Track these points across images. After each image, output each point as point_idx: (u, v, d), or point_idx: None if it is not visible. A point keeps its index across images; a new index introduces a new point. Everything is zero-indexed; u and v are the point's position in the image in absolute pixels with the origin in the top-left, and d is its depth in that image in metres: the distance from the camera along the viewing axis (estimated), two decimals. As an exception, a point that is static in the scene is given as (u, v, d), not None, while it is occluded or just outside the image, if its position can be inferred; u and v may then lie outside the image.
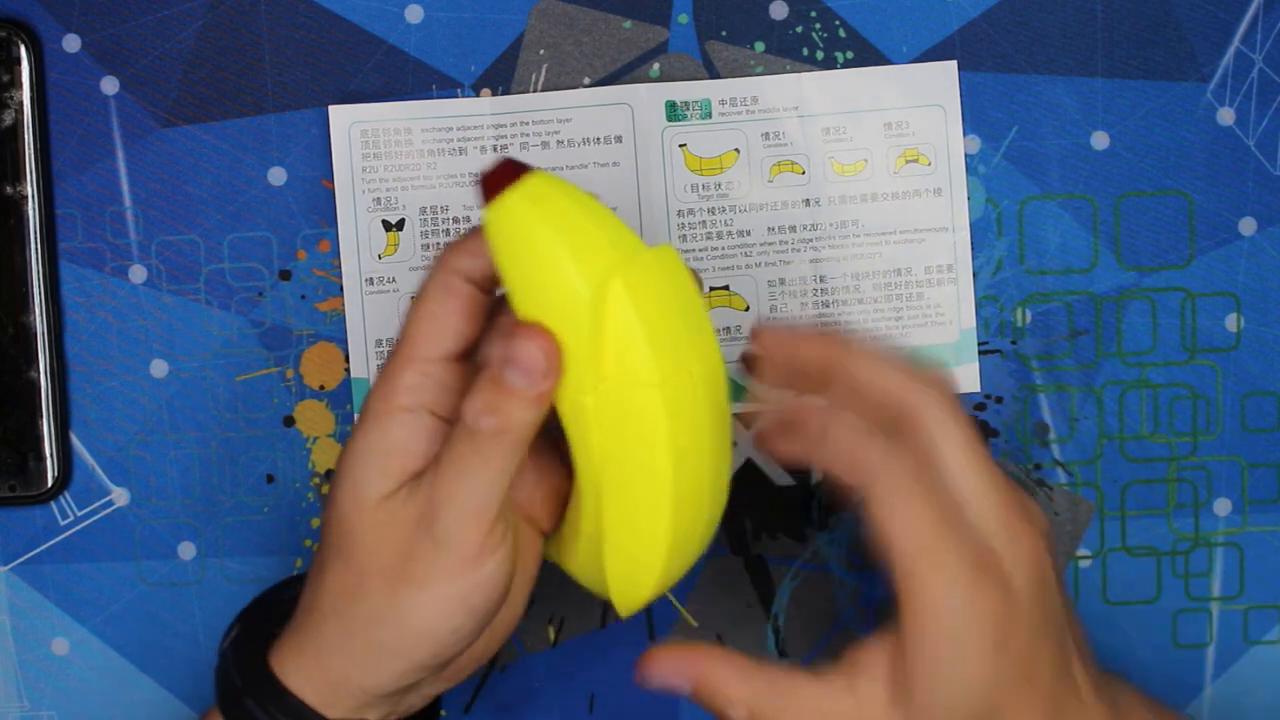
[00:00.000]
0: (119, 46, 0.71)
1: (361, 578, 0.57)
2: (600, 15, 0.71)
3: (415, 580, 0.56)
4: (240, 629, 0.62)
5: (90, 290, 0.72)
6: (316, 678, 0.58)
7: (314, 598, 0.59)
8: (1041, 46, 0.71)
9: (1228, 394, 0.72)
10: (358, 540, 0.57)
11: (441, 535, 0.55)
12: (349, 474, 0.57)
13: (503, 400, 0.54)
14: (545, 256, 0.54)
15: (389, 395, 0.57)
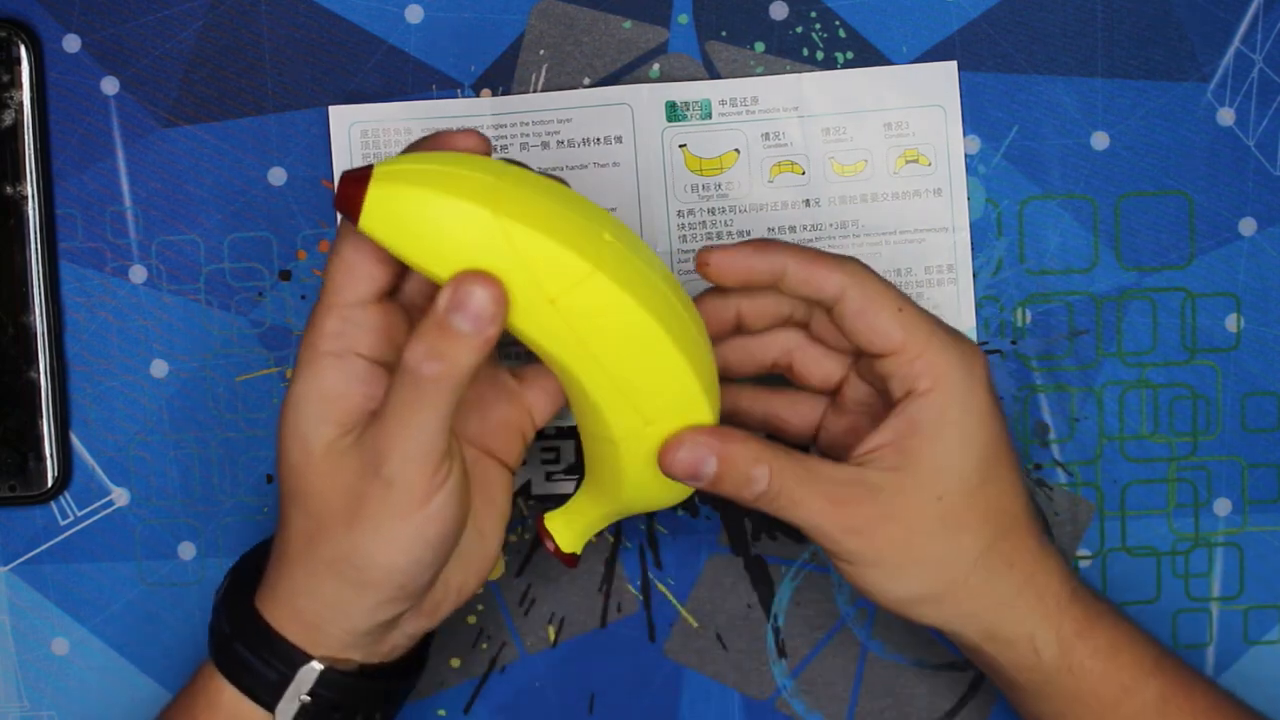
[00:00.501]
0: (119, 46, 0.71)
1: (319, 523, 0.59)
2: (600, 15, 0.71)
3: (369, 520, 0.58)
4: (229, 581, 0.64)
5: (90, 290, 0.72)
6: (294, 620, 0.60)
7: (281, 546, 0.61)
8: (1041, 46, 0.71)
9: (1228, 394, 0.72)
10: (310, 488, 0.59)
11: (390, 477, 0.57)
12: (291, 423, 0.59)
13: (448, 345, 0.55)
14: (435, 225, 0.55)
15: (314, 342, 0.59)
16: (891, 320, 0.61)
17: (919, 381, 0.61)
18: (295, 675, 0.60)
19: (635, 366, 0.58)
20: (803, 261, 0.61)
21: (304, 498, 0.59)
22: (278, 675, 0.61)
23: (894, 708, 0.73)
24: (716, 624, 0.73)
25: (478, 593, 0.68)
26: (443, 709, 0.73)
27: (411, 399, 0.56)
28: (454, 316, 0.55)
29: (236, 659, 0.61)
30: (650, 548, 0.73)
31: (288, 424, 0.59)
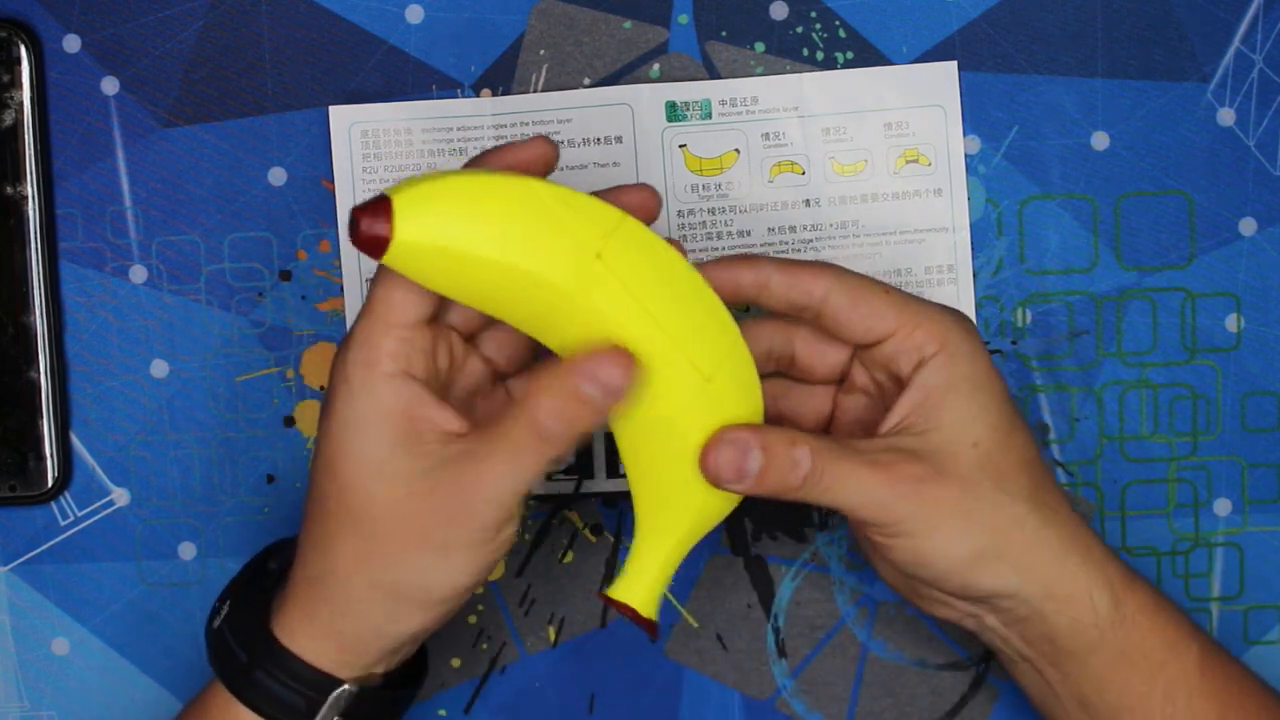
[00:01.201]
0: (119, 46, 0.71)
1: (379, 545, 0.58)
2: (600, 15, 0.71)
3: (440, 547, 0.58)
4: (233, 605, 0.62)
5: (90, 290, 0.72)
6: (329, 643, 0.60)
7: (323, 567, 0.59)
8: (1041, 46, 0.71)
9: (1228, 394, 0.72)
10: (370, 509, 0.58)
11: (475, 511, 0.57)
12: (347, 443, 0.58)
13: (577, 410, 0.56)
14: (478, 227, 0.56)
15: (373, 362, 0.58)
16: (883, 303, 0.61)
17: (925, 348, 0.61)
18: (326, 700, 0.60)
19: (684, 312, 0.58)
20: (785, 270, 0.62)
21: (365, 519, 0.58)
22: (306, 701, 0.60)
23: (894, 708, 0.73)
24: (716, 624, 0.73)
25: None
26: (443, 709, 0.73)
27: (525, 449, 0.57)
28: (588, 387, 0.56)
29: (258, 688, 0.60)
30: (650, 548, 0.73)
31: (343, 443, 0.58)
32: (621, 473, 0.72)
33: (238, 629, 0.61)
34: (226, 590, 0.64)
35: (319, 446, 0.59)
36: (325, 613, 0.59)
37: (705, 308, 0.59)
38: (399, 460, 0.58)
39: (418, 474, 0.57)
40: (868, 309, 0.61)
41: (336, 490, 0.58)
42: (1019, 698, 0.73)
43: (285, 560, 0.63)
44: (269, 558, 0.64)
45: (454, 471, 0.57)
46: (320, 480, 0.59)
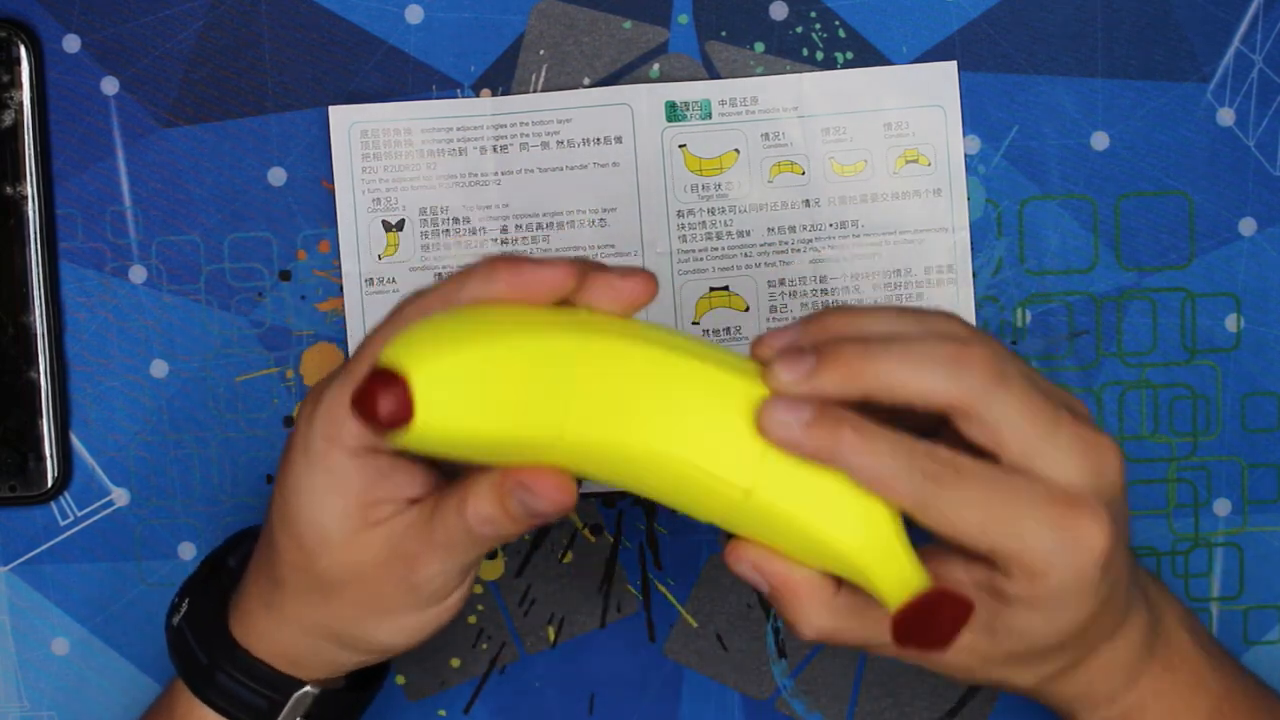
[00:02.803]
0: (119, 46, 0.71)
1: (327, 601, 0.58)
2: (600, 15, 0.71)
3: (385, 611, 0.57)
4: (191, 603, 0.62)
5: (90, 290, 0.72)
6: (285, 655, 0.60)
7: (277, 597, 0.59)
8: (1041, 46, 0.71)
9: (1228, 394, 0.72)
10: (320, 570, 0.57)
11: (419, 584, 0.56)
12: (301, 508, 0.56)
13: (505, 522, 0.54)
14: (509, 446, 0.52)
15: (334, 437, 0.55)
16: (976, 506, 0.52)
17: (1011, 580, 0.53)
18: (288, 701, 0.60)
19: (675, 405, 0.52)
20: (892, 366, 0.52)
21: (314, 577, 0.57)
22: (268, 702, 0.60)
23: (894, 708, 0.73)
24: (716, 624, 0.73)
25: None
26: (443, 709, 0.73)
27: (458, 541, 0.55)
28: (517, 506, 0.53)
29: (221, 689, 0.60)
30: (650, 548, 0.73)
31: (301, 505, 0.56)
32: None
33: (197, 628, 0.61)
34: (185, 586, 0.63)
35: (274, 497, 0.58)
36: (282, 635, 0.59)
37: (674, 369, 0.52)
38: (350, 532, 0.56)
39: (367, 544, 0.56)
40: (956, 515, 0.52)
41: (289, 543, 0.57)
42: (1019, 698, 0.73)
43: (243, 556, 0.63)
44: (228, 553, 0.64)
45: (400, 545, 0.56)
46: (274, 527, 0.58)
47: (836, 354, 0.52)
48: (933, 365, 0.52)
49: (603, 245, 0.71)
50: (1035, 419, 0.52)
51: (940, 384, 0.51)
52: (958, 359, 0.52)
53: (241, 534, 0.65)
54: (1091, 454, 0.53)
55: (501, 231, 0.71)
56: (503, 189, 0.71)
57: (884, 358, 0.52)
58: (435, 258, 0.71)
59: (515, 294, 0.52)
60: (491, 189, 0.71)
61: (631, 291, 0.53)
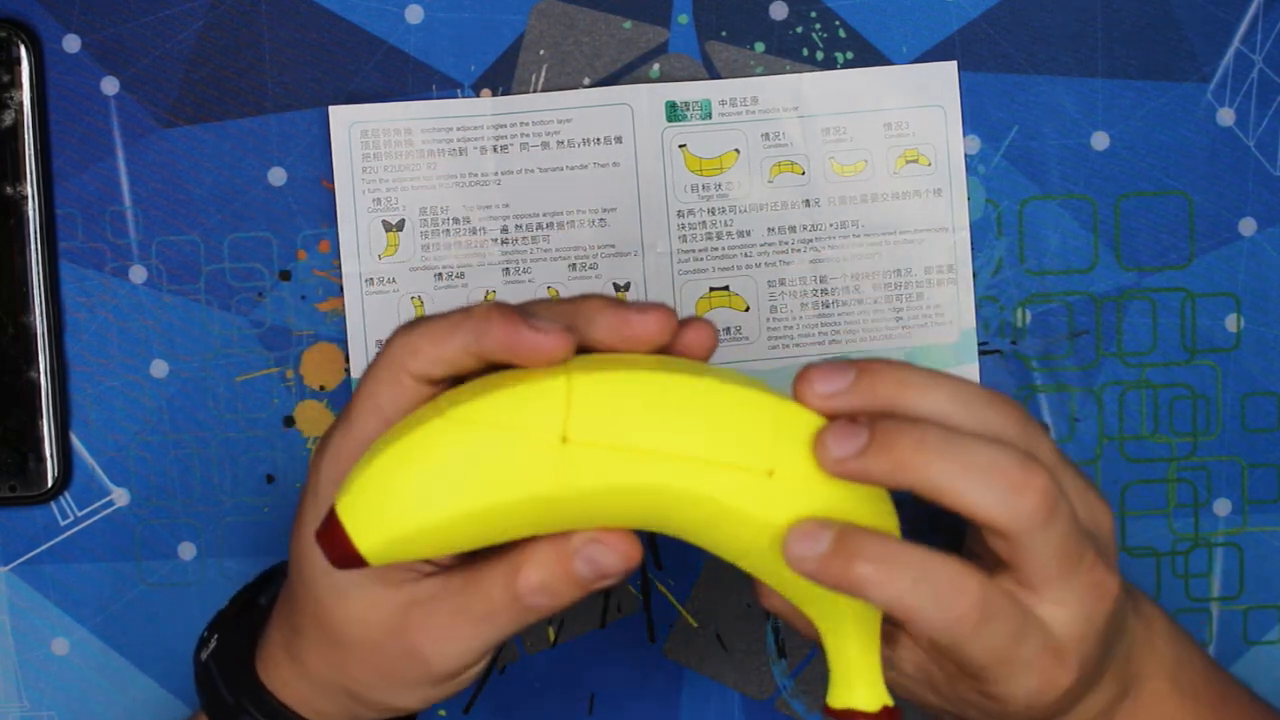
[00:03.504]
0: (119, 46, 0.71)
1: (343, 662, 0.56)
2: (600, 15, 0.71)
3: (398, 682, 0.55)
4: (220, 640, 0.61)
5: (90, 290, 0.72)
6: (307, 704, 0.58)
7: (297, 649, 0.58)
8: (1041, 46, 0.71)
9: (1228, 394, 0.72)
10: (340, 629, 0.55)
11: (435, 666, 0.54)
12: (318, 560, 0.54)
13: (564, 586, 0.52)
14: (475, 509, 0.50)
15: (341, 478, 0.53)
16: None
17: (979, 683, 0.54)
18: None
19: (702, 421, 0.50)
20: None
21: (328, 632, 0.55)
22: None
23: (894, 708, 0.73)
24: (716, 624, 0.73)
25: None
26: (443, 709, 0.73)
27: (499, 614, 0.53)
28: (584, 568, 0.51)
29: None
30: (650, 548, 0.73)
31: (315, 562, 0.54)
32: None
33: (224, 666, 0.60)
34: (215, 621, 0.62)
35: (291, 544, 0.56)
36: (301, 684, 0.58)
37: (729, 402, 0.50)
38: (365, 589, 0.54)
39: (382, 605, 0.54)
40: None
41: (305, 594, 0.56)
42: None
43: (274, 595, 0.62)
44: (260, 591, 0.63)
45: (423, 618, 0.53)
46: (292, 578, 0.57)
47: (891, 441, 0.50)
48: (989, 484, 0.50)
49: (603, 245, 0.71)
50: (1064, 561, 0.52)
51: (992, 506, 0.50)
52: (1017, 487, 0.50)
53: (273, 570, 0.64)
54: (1092, 598, 0.53)
55: (501, 231, 0.71)
56: (503, 189, 0.71)
57: (940, 461, 0.50)
58: (435, 258, 0.71)
59: (507, 357, 0.51)
60: (491, 189, 0.71)
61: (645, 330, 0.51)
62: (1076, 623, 0.53)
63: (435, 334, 0.52)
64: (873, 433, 0.50)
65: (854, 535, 0.50)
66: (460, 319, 0.51)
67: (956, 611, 0.50)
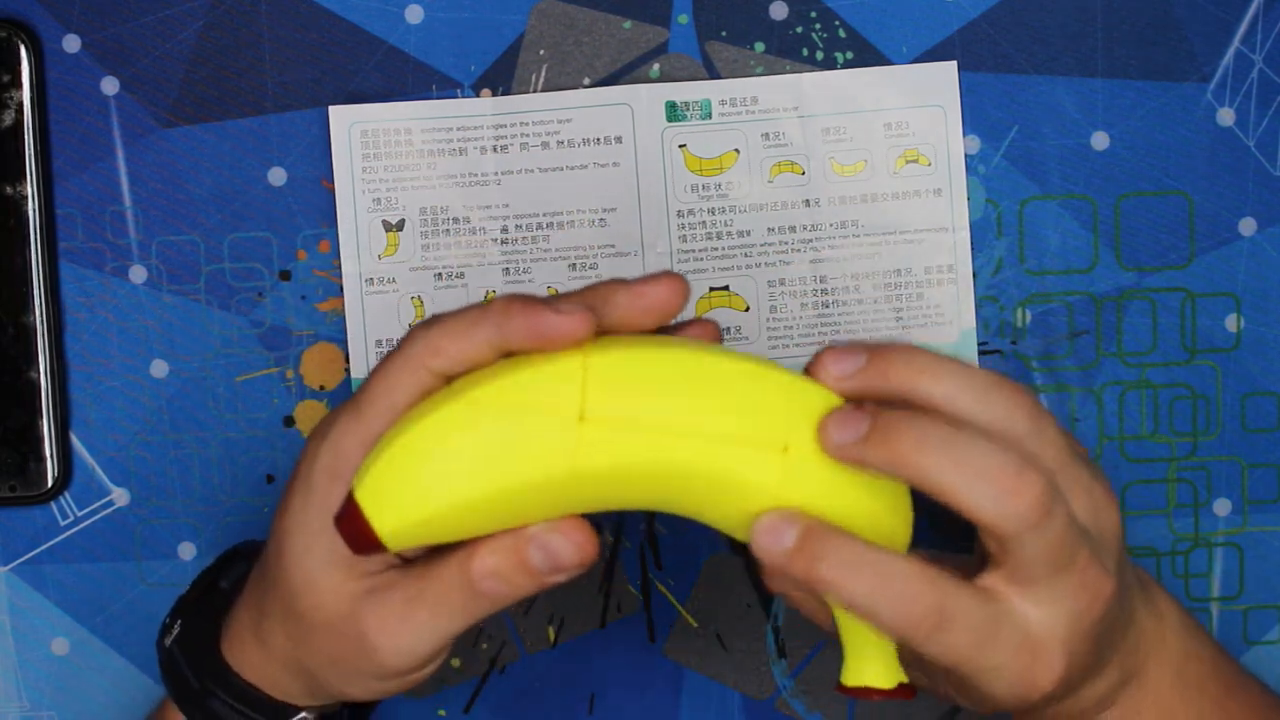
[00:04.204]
0: (119, 46, 0.71)
1: (306, 644, 0.56)
2: (600, 15, 0.71)
3: (354, 672, 0.55)
4: (184, 625, 0.61)
5: (90, 290, 0.72)
6: (274, 684, 0.59)
7: (265, 628, 0.58)
8: (1041, 46, 0.71)
9: (1228, 394, 0.72)
10: (305, 613, 0.55)
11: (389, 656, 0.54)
12: (293, 545, 0.55)
13: (516, 574, 0.52)
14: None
15: (335, 473, 0.54)
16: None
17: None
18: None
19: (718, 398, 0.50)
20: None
21: (296, 616, 0.56)
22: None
23: (894, 708, 0.73)
24: (716, 624, 0.73)
25: None
26: (443, 709, 0.73)
27: (451, 599, 0.53)
28: (537, 556, 0.51)
29: (213, 714, 0.59)
30: (650, 548, 0.73)
31: (291, 546, 0.55)
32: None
33: (189, 651, 0.60)
34: (177, 607, 0.63)
35: (272, 525, 0.57)
36: (268, 665, 0.58)
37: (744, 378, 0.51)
38: (335, 579, 0.54)
39: (346, 595, 0.54)
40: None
41: (278, 578, 0.56)
42: (1019, 698, 0.73)
43: (236, 578, 0.62)
44: (220, 575, 0.63)
45: (378, 608, 0.53)
46: (268, 558, 0.57)
47: (890, 434, 0.50)
48: (983, 485, 0.50)
49: (603, 245, 0.71)
50: (1053, 562, 0.52)
51: (985, 506, 0.50)
52: (1010, 490, 0.50)
53: (232, 552, 0.64)
54: (1081, 599, 0.53)
55: (502, 231, 0.71)
56: (503, 189, 0.71)
57: (937, 458, 0.50)
58: (435, 258, 0.71)
59: (532, 344, 0.51)
60: (491, 189, 0.71)
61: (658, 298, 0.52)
62: (1062, 623, 0.53)
63: (457, 331, 0.52)
64: (874, 423, 0.50)
65: (817, 536, 0.50)
66: (479, 314, 0.51)
67: (912, 617, 0.50)
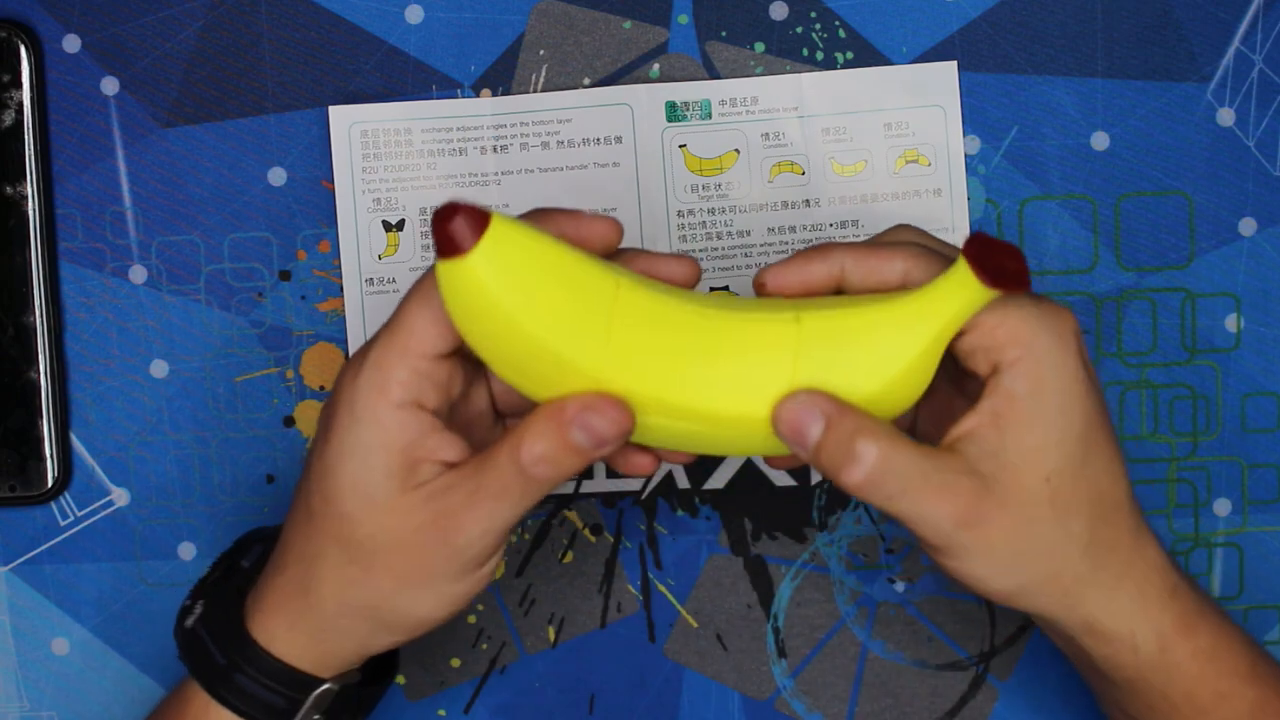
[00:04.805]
0: (119, 46, 0.71)
1: (367, 574, 0.58)
2: (600, 15, 0.71)
3: (426, 580, 0.57)
4: (207, 605, 0.62)
5: (90, 290, 0.72)
6: (310, 649, 0.60)
7: (305, 580, 0.59)
8: (1041, 46, 0.71)
9: (1228, 394, 0.72)
10: (367, 541, 0.57)
11: (464, 550, 0.57)
12: (344, 470, 0.57)
13: (564, 456, 0.55)
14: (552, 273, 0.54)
15: (384, 388, 0.56)
16: None
17: (1005, 352, 0.56)
18: (308, 699, 0.60)
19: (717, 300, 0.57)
20: (859, 256, 0.57)
21: (354, 545, 0.57)
22: (286, 700, 0.60)
23: (894, 708, 0.73)
24: (716, 624, 0.73)
25: None
26: (443, 709, 0.73)
27: (510, 488, 0.56)
28: (579, 435, 0.55)
29: (238, 689, 0.60)
30: (650, 548, 0.73)
31: (345, 470, 0.57)
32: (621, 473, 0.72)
33: (214, 630, 0.61)
34: (197, 589, 0.63)
35: (313, 464, 0.58)
36: (305, 624, 0.59)
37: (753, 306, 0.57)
38: (394, 492, 0.56)
39: (410, 507, 0.56)
40: None
41: (328, 513, 0.57)
42: (1019, 698, 0.73)
43: (257, 558, 0.63)
44: (240, 555, 0.64)
45: (442, 506, 0.56)
46: (312, 499, 0.58)
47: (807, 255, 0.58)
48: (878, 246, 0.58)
49: (603, 245, 0.71)
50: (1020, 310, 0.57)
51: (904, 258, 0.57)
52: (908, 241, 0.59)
53: (248, 536, 0.65)
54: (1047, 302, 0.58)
55: (501, 231, 0.71)
56: (503, 189, 0.71)
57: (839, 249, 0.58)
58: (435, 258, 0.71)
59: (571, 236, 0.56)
60: (491, 189, 0.71)
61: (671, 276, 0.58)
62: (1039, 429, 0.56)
63: None
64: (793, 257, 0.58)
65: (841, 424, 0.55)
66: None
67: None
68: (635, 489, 0.73)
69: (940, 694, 0.73)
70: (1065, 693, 0.73)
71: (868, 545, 0.73)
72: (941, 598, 0.73)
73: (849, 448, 0.55)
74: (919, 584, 0.73)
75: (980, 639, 0.73)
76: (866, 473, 0.55)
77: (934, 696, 0.73)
